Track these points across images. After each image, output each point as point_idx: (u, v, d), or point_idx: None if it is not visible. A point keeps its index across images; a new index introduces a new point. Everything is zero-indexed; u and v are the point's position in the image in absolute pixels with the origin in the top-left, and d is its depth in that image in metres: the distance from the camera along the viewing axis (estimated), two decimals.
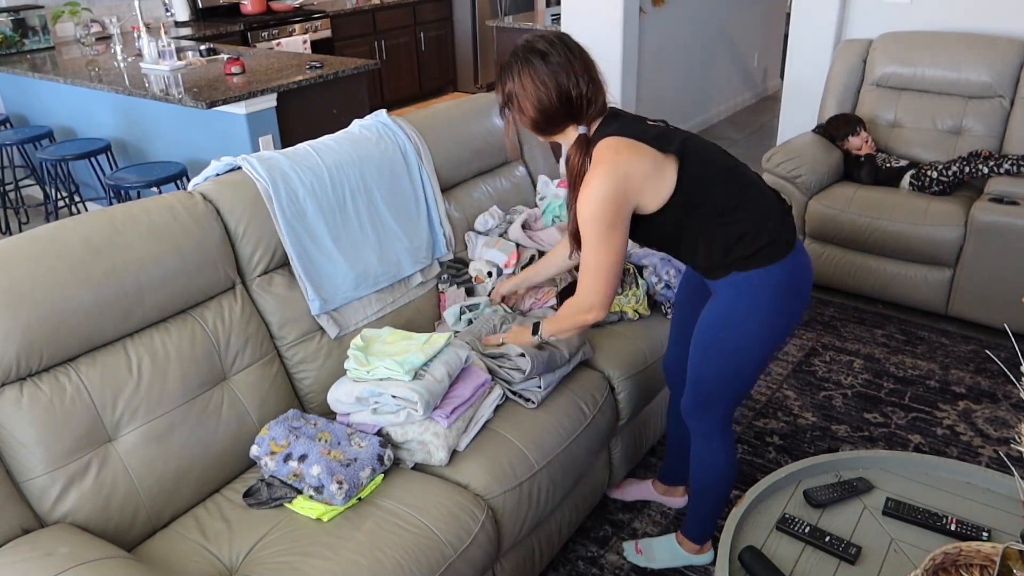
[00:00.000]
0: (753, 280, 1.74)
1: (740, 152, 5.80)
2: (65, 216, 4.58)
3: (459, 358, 1.98)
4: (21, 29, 4.71)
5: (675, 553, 2.18)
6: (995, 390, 2.98)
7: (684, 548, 2.17)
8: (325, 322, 2.12)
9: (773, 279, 1.74)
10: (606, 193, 1.65)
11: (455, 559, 1.68)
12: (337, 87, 4.02)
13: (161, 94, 3.64)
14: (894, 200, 3.37)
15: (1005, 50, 3.53)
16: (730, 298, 1.78)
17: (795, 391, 3.00)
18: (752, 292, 1.75)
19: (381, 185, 2.32)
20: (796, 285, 1.78)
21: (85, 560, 1.44)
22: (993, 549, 1.38)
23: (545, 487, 1.95)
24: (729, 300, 1.79)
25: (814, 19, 4.25)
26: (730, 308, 1.79)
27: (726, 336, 1.81)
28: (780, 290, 1.76)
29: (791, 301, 1.78)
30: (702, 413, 1.94)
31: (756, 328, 1.78)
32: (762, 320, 1.77)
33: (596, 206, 1.66)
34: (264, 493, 1.77)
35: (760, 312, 1.76)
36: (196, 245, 1.88)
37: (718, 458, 1.98)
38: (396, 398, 1.85)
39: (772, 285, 1.75)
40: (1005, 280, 3.15)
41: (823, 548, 1.60)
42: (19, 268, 1.61)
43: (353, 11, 6.52)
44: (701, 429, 1.96)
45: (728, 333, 1.80)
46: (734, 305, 1.78)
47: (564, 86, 1.70)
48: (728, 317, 1.79)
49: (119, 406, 1.70)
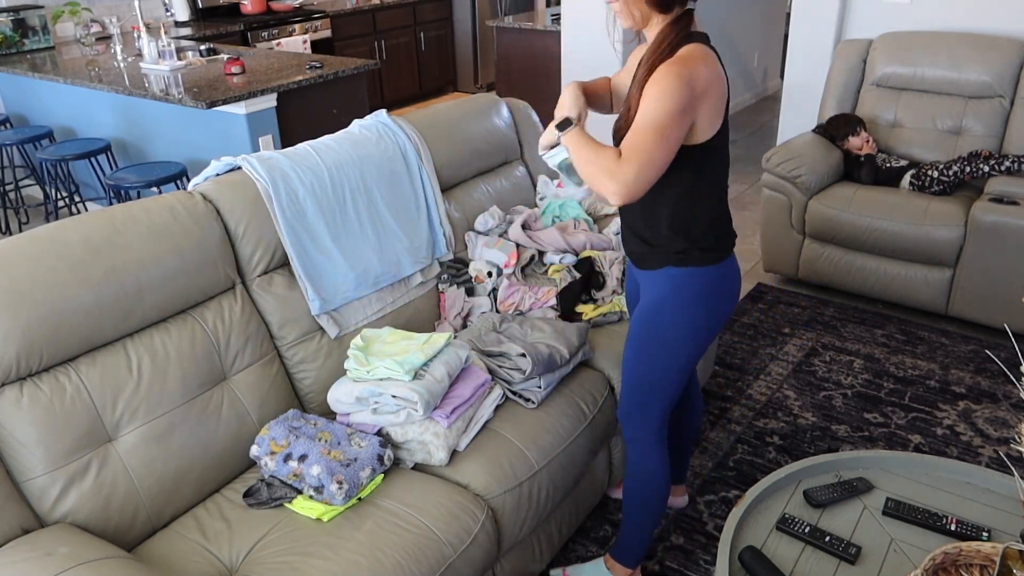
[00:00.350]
0: (689, 276, 1.74)
1: (740, 152, 5.80)
2: (65, 216, 4.58)
3: (459, 358, 1.98)
4: (21, 29, 4.71)
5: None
6: (995, 390, 2.98)
7: (614, 572, 2.11)
8: (325, 322, 2.12)
9: (705, 280, 1.74)
10: (689, 81, 1.54)
11: (455, 559, 1.68)
12: (337, 87, 4.02)
13: (161, 94, 3.64)
14: (894, 200, 3.37)
15: (1005, 50, 3.53)
16: (661, 294, 1.78)
17: (795, 391, 3.00)
18: (687, 289, 1.75)
19: (381, 185, 2.32)
20: (725, 290, 1.79)
21: (85, 560, 1.44)
22: (993, 549, 1.38)
23: (545, 487, 1.95)
24: (659, 296, 1.78)
25: (814, 19, 4.25)
26: (660, 303, 1.78)
27: (656, 333, 1.80)
28: (711, 292, 1.76)
29: (717, 304, 1.79)
30: (635, 416, 1.91)
31: (683, 327, 1.77)
32: (688, 319, 1.77)
33: (675, 87, 1.53)
34: (264, 493, 1.77)
35: (686, 311, 1.76)
36: (196, 245, 1.88)
37: (650, 465, 1.93)
38: (396, 398, 1.85)
39: (703, 286, 1.75)
40: (1005, 280, 3.15)
41: (823, 548, 1.60)
42: (19, 268, 1.61)
43: (353, 11, 6.52)
44: (634, 434, 1.93)
45: (657, 330, 1.79)
46: (664, 301, 1.77)
47: None
48: (659, 312, 1.78)
49: (119, 406, 1.70)
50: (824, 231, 3.50)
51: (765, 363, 3.19)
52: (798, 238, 3.63)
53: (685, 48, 1.60)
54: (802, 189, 3.52)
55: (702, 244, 1.72)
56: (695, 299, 1.75)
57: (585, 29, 4.97)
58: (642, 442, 1.93)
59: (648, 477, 1.95)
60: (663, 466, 1.94)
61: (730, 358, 3.23)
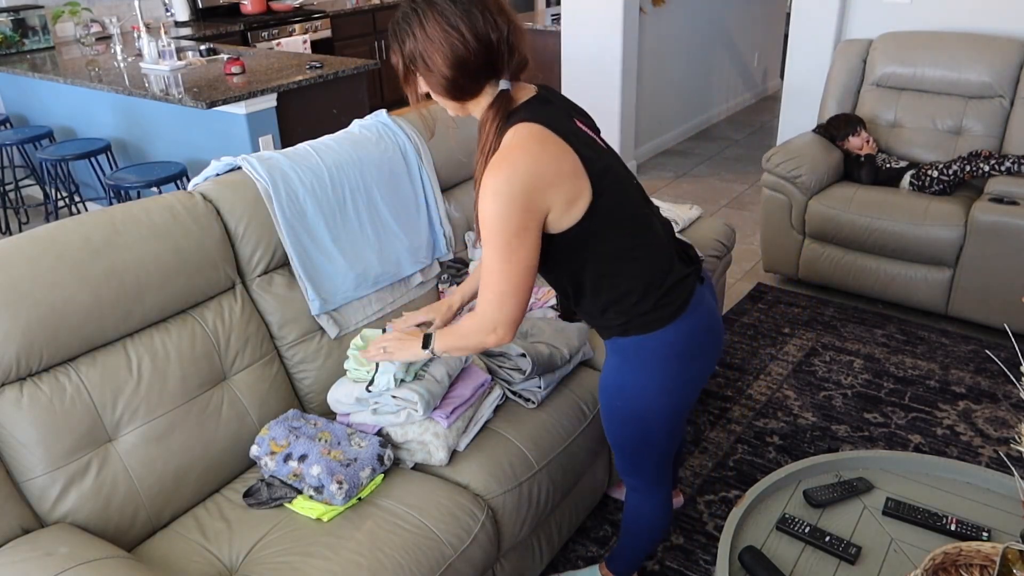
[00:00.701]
0: (638, 345, 1.55)
1: (740, 152, 5.80)
2: (65, 216, 4.58)
3: (458, 358, 1.98)
4: (21, 29, 4.71)
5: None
6: (995, 390, 2.98)
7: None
8: (325, 322, 2.12)
9: (658, 344, 1.54)
10: (515, 189, 1.35)
11: (455, 559, 1.68)
12: (337, 87, 4.02)
13: (161, 94, 3.64)
14: (894, 200, 3.38)
15: (1005, 50, 3.53)
16: (615, 365, 1.62)
17: (795, 391, 3.00)
18: (638, 359, 1.57)
19: (381, 185, 2.32)
20: (687, 349, 1.57)
21: (85, 560, 1.44)
22: (993, 549, 1.38)
23: (545, 487, 1.95)
24: (615, 367, 1.62)
25: (814, 19, 4.25)
26: (617, 377, 1.62)
27: (621, 405, 1.65)
28: (668, 355, 1.56)
29: (686, 365, 1.59)
30: (630, 472, 1.82)
31: (649, 395, 1.60)
32: (654, 386, 1.59)
33: (501, 204, 1.35)
34: (264, 493, 1.77)
35: (648, 379, 1.58)
36: (196, 245, 1.88)
37: (646, 511, 1.88)
38: (396, 398, 1.85)
39: (658, 350, 1.55)
40: (1005, 280, 3.15)
41: (823, 548, 1.60)
42: (19, 268, 1.61)
43: (353, 11, 6.52)
44: (633, 484, 1.86)
45: (622, 402, 1.65)
46: (620, 373, 1.61)
47: (480, 27, 1.37)
48: (618, 387, 1.63)
49: (119, 406, 1.70)
50: (824, 231, 3.50)
51: (765, 363, 3.19)
52: (798, 238, 3.63)
53: (509, 133, 1.41)
54: (802, 189, 3.52)
55: (640, 312, 1.52)
56: (652, 364, 1.57)
57: (585, 29, 4.97)
58: (640, 492, 1.86)
59: (643, 521, 1.90)
60: (661, 509, 1.87)
61: (730, 358, 3.23)
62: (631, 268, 1.50)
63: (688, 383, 1.63)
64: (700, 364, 1.62)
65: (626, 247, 1.49)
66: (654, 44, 5.41)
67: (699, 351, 1.60)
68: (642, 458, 1.75)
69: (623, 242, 1.49)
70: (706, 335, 1.60)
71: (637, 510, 1.89)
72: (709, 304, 1.60)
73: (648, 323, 1.52)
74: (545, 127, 1.40)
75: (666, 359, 1.56)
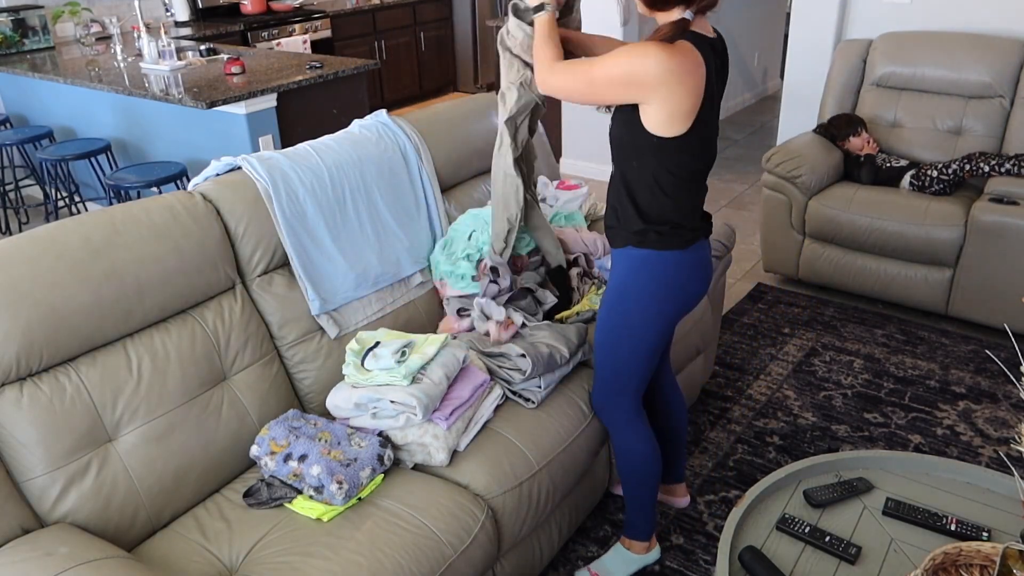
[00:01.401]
0: (646, 258, 1.82)
1: (740, 152, 5.80)
2: (65, 216, 4.58)
3: (456, 359, 1.97)
4: (21, 29, 4.71)
5: (627, 559, 2.18)
6: (995, 390, 2.98)
7: (633, 551, 2.18)
8: (325, 322, 2.12)
9: (661, 262, 1.81)
10: (651, 64, 1.61)
11: (455, 559, 1.68)
12: (337, 87, 4.02)
13: (161, 94, 3.64)
14: (894, 200, 3.38)
15: (1005, 50, 3.53)
16: (621, 273, 1.87)
17: (795, 391, 3.00)
18: (643, 269, 1.83)
19: (381, 185, 2.32)
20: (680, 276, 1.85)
21: (85, 560, 1.44)
22: (993, 549, 1.38)
23: (545, 487, 1.95)
24: (620, 275, 1.87)
25: (814, 19, 4.25)
26: (624, 283, 1.87)
27: (619, 312, 1.88)
28: (666, 274, 1.83)
29: (675, 292, 1.86)
30: (608, 404, 2.02)
31: (644, 305, 1.85)
32: (651, 299, 1.85)
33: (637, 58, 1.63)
34: (264, 493, 1.77)
35: (649, 290, 1.84)
36: (196, 245, 1.88)
37: (634, 447, 2.03)
38: (395, 403, 1.85)
39: (659, 267, 1.82)
40: (1005, 280, 3.15)
41: (823, 548, 1.60)
42: (19, 268, 1.61)
43: (353, 11, 6.52)
44: (613, 422, 2.04)
45: (621, 309, 1.88)
46: (625, 280, 1.86)
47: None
48: (620, 292, 1.87)
49: (119, 406, 1.70)
50: (824, 231, 3.50)
51: (765, 363, 3.19)
52: (798, 238, 3.63)
53: (681, 41, 1.65)
54: (802, 189, 3.52)
55: (660, 229, 1.79)
56: (652, 281, 1.83)
57: (585, 29, 4.96)
58: (621, 427, 2.03)
59: (635, 456, 2.04)
60: (647, 441, 2.03)
61: (730, 358, 3.23)
62: (674, 192, 1.77)
63: (672, 311, 1.88)
64: (687, 294, 1.88)
65: (684, 176, 1.77)
66: None
67: (687, 282, 1.87)
68: (622, 381, 1.96)
69: (686, 172, 1.76)
70: (698, 272, 1.88)
71: (625, 446, 2.04)
72: (706, 253, 1.90)
73: (662, 243, 1.80)
74: (703, 63, 1.65)
75: (663, 276, 1.83)
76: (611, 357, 1.95)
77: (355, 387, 1.91)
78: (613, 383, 1.99)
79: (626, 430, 2.03)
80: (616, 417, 2.03)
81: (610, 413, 2.03)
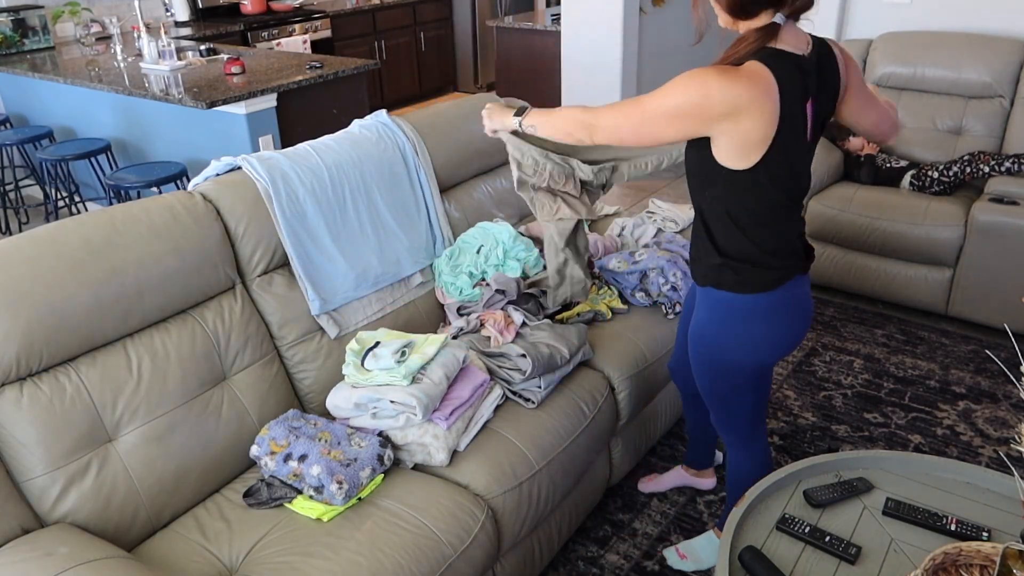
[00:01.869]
0: (732, 306, 1.69)
1: None
2: (65, 216, 4.58)
3: (456, 359, 1.97)
4: (21, 29, 4.71)
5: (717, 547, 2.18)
6: (995, 390, 2.98)
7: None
8: (325, 322, 2.12)
9: (742, 306, 1.69)
10: (715, 93, 1.45)
11: (455, 559, 1.68)
12: (337, 87, 4.02)
13: (161, 94, 3.64)
14: (894, 200, 3.38)
15: (1005, 50, 3.53)
16: (703, 318, 1.77)
17: (795, 391, 3.00)
18: (722, 313, 1.72)
19: (381, 185, 2.32)
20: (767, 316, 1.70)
21: (85, 560, 1.44)
22: (993, 549, 1.38)
23: (545, 487, 1.95)
24: (703, 319, 1.77)
25: (814, 19, 4.22)
26: (704, 326, 1.77)
27: (706, 352, 1.80)
28: (748, 317, 1.70)
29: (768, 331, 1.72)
30: (724, 426, 1.95)
31: (726, 348, 1.75)
32: (731, 343, 1.74)
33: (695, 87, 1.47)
34: (264, 493, 1.77)
35: (726, 334, 1.73)
36: (196, 245, 1.88)
37: (745, 466, 1.98)
38: (394, 403, 1.85)
39: (739, 311, 1.70)
40: (1005, 280, 3.15)
41: (823, 548, 1.60)
42: (19, 268, 1.61)
43: (353, 11, 6.52)
44: (728, 440, 1.98)
45: (707, 350, 1.79)
46: (703, 325, 1.77)
47: None
48: (699, 337, 1.79)
49: (119, 406, 1.70)
50: (824, 231, 3.50)
51: None
52: None
53: (754, 61, 1.49)
54: None
55: (738, 267, 1.66)
56: (742, 330, 1.72)
57: (585, 29, 4.97)
58: (736, 447, 1.97)
59: (744, 475, 1.97)
60: (760, 467, 1.96)
61: None
62: (755, 230, 1.63)
63: (768, 351, 1.75)
64: (782, 336, 1.74)
65: (761, 212, 1.62)
66: (654, 44, 5.41)
67: (779, 325, 1.72)
68: (731, 409, 1.88)
69: (762, 207, 1.61)
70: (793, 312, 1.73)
71: (736, 465, 1.99)
72: (803, 290, 1.74)
73: (741, 284, 1.66)
74: (777, 86, 1.47)
75: (752, 324, 1.70)
76: (713, 394, 1.88)
77: (355, 387, 1.91)
78: (723, 409, 1.91)
79: (740, 451, 1.97)
80: (732, 438, 1.96)
81: (726, 433, 1.97)
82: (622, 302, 2.50)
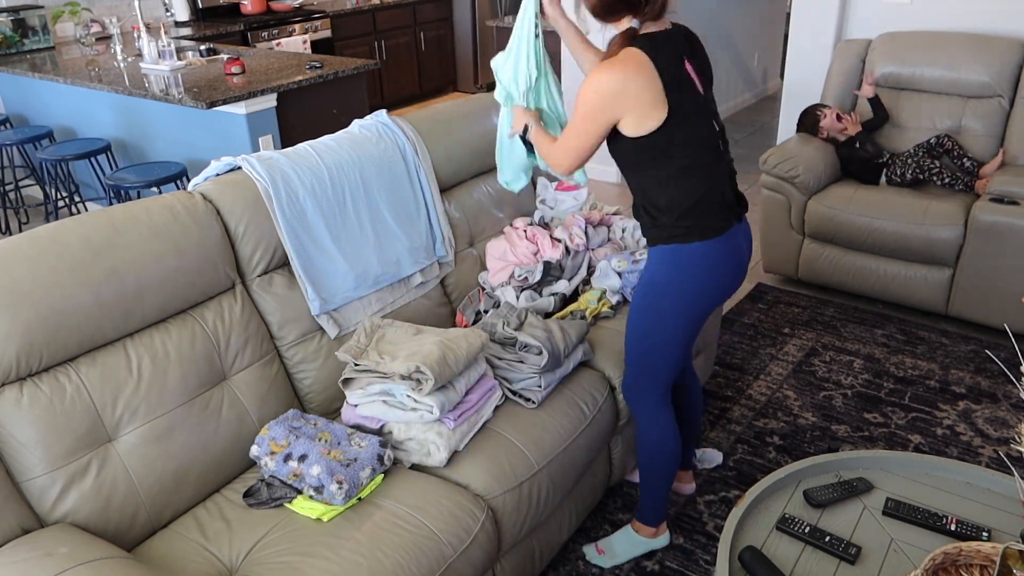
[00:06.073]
0: (674, 252, 1.87)
1: (740, 152, 5.80)
2: (65, 216, 4.58)
3: (479, 371, 2.00)
4: (21, 29, 4.71)
5: (633, 541, 2.25)
6: (995, 390, 2.98)
7: (641, 534, 2.24)
8: (325, 322, 2.12)
9: (689, 253, 1.86)
10: (602, 88, 1.76)
11: (455, 559, 1.68)
12: (337, 87, 4.02)
13: (161, 94, 3.64)
14: (894, 200, 3.38)
15: (1005, 50, 3.53)
16: (652, 267, 1.92)
17: (795, 391, 3.00)
18: (671, 262, 1.88)
19: (381, 185, 2.32)
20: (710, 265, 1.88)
21: (85, 560, 1.44)
22: (993, 549, 1.38)
23: (545, 487, 1.95)
24: (651, 268, 1.93)
25: (814, 19, 4.25)
26: (654, 276, 1.92)
27: (650, 303, 1.94)
28: (695, 264, 1.87)
29: (708, 280, 1.90)
30: (637, 389, 2.07)
31: (671, 293, 1.90)
32: (673, 287, 1.89)
33: (590, 92, 1.77)
34: (264, 493, 1.77)
35: (678, 281, 1.89)
36: (196, 245, 1.88)
37: (655, 434, 2.08)
38: (410, 397, 1.86)
39: (686, 258, 1.86)
40: (1005, 280, 3.15)
41: (823, 548, 1.60)
42: (19, 268, 1.61)
43: (353, 11, 6.52)
44: (639, 407, 2.09)
45: (651, 297, 1.93)
46: (654, 272, 1.92)
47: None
48: (650, 283, 1.93)
49: (119, 406, 1.70)
50: (823, 231, 3.50)
51: (765, 363, 3.19)
52: (798, 238, 3.63)
53: (624, 51, 1.77)
54: (801, 189, 3.52)
55: (682, 222, 1.84)
56: (680, 275, 1.88)
57: None
58: (646, 412, 2.08)
59: (656, 444, 2.09)
60: (669, 431, 2.08)
61: (730, 358, 3.23)
62: (681, 184, 1.83)
63: (702, 298, 1.91)
64: (717, 282, 1.91)
65: (684, 166, 1.82)
66: None
67: (718, 271, 1.90)
68: (653, 368, 2.01)
69: (684, 161, 1.82)
70: (728, 260, 1.90)
71: (648, 434, 2.10)
72: (739, 241, 1.92)
73: (687, 236, 1.85)
74: (649, 58, 1.75)
75: (691, 269, 1.88)
76: (640, 347, 2.00)
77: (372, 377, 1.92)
78: (642, 372, 2.03)
79: (650, 417, 2.07)
80: (642, 405, 2.07)
81: (637, 400, 2.08)
82: (623, 301, 2.50)
